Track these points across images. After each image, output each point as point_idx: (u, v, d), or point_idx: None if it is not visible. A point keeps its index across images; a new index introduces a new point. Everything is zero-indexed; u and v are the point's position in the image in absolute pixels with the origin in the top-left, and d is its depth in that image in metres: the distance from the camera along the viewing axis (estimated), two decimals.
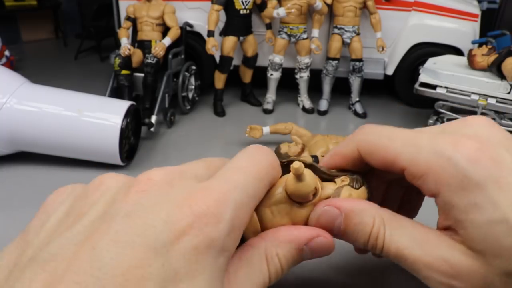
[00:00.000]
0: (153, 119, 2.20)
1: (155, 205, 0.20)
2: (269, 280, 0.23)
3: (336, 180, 0.28)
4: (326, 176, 0.28)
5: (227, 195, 0.21)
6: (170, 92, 2.41)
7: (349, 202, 0.25)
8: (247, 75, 2.72)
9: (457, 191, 0.22)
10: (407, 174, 0.25)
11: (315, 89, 2.74)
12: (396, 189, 0.34)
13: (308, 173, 0.25)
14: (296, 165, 0.24)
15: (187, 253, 0.19)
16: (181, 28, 2.54)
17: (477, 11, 2.69)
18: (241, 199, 0.22)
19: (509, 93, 2.00)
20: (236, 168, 0.24)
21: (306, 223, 0.26)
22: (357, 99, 2.70)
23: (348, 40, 2.57)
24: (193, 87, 2.62)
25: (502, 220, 0.21)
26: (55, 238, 0.20)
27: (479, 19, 2.68)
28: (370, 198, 0.28)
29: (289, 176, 0.25)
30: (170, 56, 2.42)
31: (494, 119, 2.11)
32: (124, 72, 2.34)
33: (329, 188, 0.28)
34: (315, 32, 2.55)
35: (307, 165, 0.27)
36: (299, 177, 0.24)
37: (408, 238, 0.23)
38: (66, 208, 0.22)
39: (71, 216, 0.21)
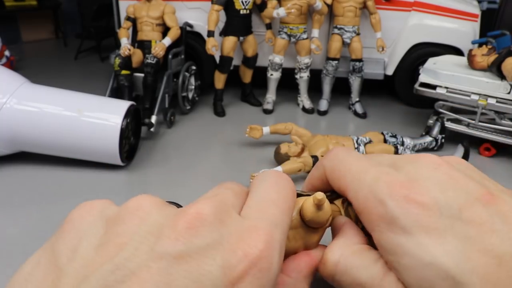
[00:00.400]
0: (153, 119, 2.21)
1: (209, 247, 0.19)
2: None
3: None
4: (328, 199, 0.29)
5: (273, 236, 0.21)
6: (170, 92, 2.41)
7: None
8: (247, 75, 2.72)
9: (386, 233, 0.23)
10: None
11: (315, 89, 2.74)
12: None
13: (326, 201, 0.26)
14: (319, 196, 0.25)
15: None
16: (181, 28, 2.54)
17: (477, 11, 2.69)
18: (281, 237, 0.22)
19: (509, 93, 2.00)
20: (269, 202, 0.24)
21: (316, 246, 0.27)
22: (357, 99, 2.70)
23: (348, 40, 2.57)
24: (193, 87, 2.62)
25: (431, 263, 0.21)
26: (95, 271, 0.19)
27: (479, 19, 2.68)
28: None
29: (307, 204, 0.26)
30: (170, 56, 2.42)
31: (494, 119, 2.11)
32: (124, 72, 2.34)
33: (334, 210, 0.29)
34: (315, 32, 2.56)
35: (303, 194, 0.29)
36: (320, 207, 0.25)
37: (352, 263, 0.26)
38: (100, 232, 0.21)
39: (110, 245, 0.20)
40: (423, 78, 2.21)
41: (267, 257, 0.19)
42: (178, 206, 0.27)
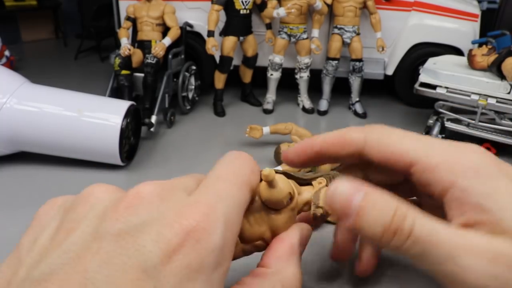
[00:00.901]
0: (153, 119, 2.21)
1: (145, 223, 0.20)
2: None
3: (313, 183, 0.28)
4: (302, 181, 0.27)
5: (215, 207, 0.21)
6: (170, 92, 2.41)
7: (369, 185, 0.24)
8: (247, 75, 2.72)
9: (475, 178, 0.23)
10: (416, 169, 0.25)
11: (315, 89, 2.74)
12: None
13: (280, 179, 0.24)
14: (265, 172, 0.23)
15: (179, 273, 0.19)
16: (181, 28, 2.54)
17: (477, 11, 2.69)
18: (229, 209, 0.21)
19: (509, 93, 2.00)
20: (218, 177, 0.23)
21: (284, 229, 0.26)
22: (357, 99, 2.70)
23: (348, 40, 2.57)
24: (193, 87, 2.62)
25: None
26: (46, 257, 0.19)
27: (479, 19, 2.68)
28: None
29: (262, 184, 0.24)
30: (170, 56, 2.42)
31: (494, 119, 2.11)
32: (124, 72, 2.34)
33: (307, 192, 0.27)
34: (315, 32, 2.56)
35: (279, 172, 0.27)
36: (270, 184, 0.24)
37: (440, 224, 0.22)
38: (57, 222, 0.22)
39: (61, 232, 0.21)
40: (423, 78, 2.21)
41: (206, 228, 0.19)
42: None
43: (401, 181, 0.30)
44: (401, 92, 2.83)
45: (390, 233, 0.22)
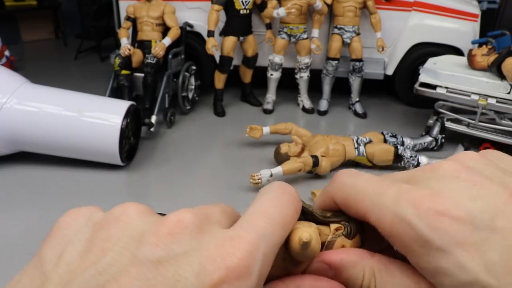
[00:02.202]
0: (153, 119, 2.20)
1: (187, 253, 0.20)
2: None
3: (331, 225, 0.28)
4: (320, 220, 0.27)
5: (257, 246, 0.21)
6: (170, 92, 2.41)
7: (339, 255, 0.25)
8: (247, 75, 2.72)
9: (422, 256, 0.22)
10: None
11: (315, 89, 2.74)
12: None
13: (315, 238, 0.24)
14: (305, 238, 0.23)
15: None
16: (181, 28, 2.53)
17: (477, 11, 2.69)
18: (268, 249, 0.21)
19: (509, 93, 2.00)
20: (261, 214, 0.23)
21: (297, 271, 0.26)
22: (357, 99, 2.70)
23: (348, 40, 2.57)
24: (193, 87, 2.62)
25: (473, 282, 0.21)
26: (77, 276, 0.19)
27: (479, 19, 2.68)
28: (363, 243, 0.28)
29: (294, 238, 0.24)
30: (170, 56, 2.42)
31: (494, 119, 2.11)
32: (124, 72, 2.34)
33: (323, 234, 0.27)
34: (315, 32, 2.55)
35: (305, 211, 0.27)
36: (305, 247, 0.24)
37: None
38: (85, 238, 0.21)
39: (93, 250, 0.20)
40: (423, 78, 2.21)
41: (247, 267, 0.19)
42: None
43: None
44: (401, 92, 2.83)
45: None
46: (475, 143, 2.15)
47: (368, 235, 0.27)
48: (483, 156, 0.24)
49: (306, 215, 0.26)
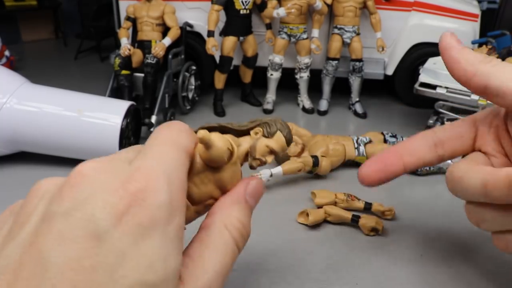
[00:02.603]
0: (153, 119, 2.20)
1: (90, 196, 0.20)
2: (238, 247, 0.23)
3: (251, 132, 0.28)
4: (239, 132, 0.28)
5: (156, 168, 0.22)
6: (170, 92, 2.41)
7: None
8: (247, 75, 2.72)
9: None
10: None
11: (315, 89, 2.73)
12: None
13: (217, 137, 0.25)
14: (199, 134, 0.24)
15: (132, 232, 0.19)
16: (181, 28, 2.54)
17: (477, 11, 2.69)
18: (169, 169, 0.22)
19: None
20: (154, 144, 0.24)
21: (231, 183, 0.26)
22: (357, 99, 2.70)
23: (348, 40, 2.57)
24: (193, 87, 2.62)
25: None
26: (1, 251, 0.20)
27: (479, 19, 2.68)
28: (289, 138, 0.27)
29: (199, 145, 0.25)
30: (170, 56, 2.42)
31: None
32: (124, 72, 2.34)
33: (245, 142, 0.27)
34: (315, 32, 2.55)
35: (215, 128, 0.27)
36: (206, 145, 0.25)
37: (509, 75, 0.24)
38: (9, 224, 0.22)
39: (15, 227, 0.21)
40: (423, 78, 2.21)
41: (149, 187, 0.20)
42: None
43: None
44: (401, 92, 2.84)
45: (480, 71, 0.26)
46: None
47: None
48: None
49: (227, 131, 0.27)
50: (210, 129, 0.25)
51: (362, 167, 0.30)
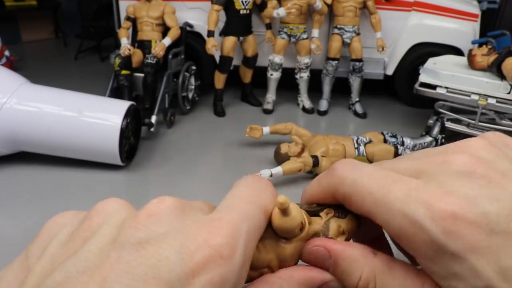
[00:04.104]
0: (153, 119, 2.20)
1: (167, 233, 0.19)
2: None
3: (321, 214, 0.27)
4: (310, 212, 0.27)
5: (239, 225, 0.20)
6: (170, 92, 2.41)
7: (340, 246, 0.24)
8: (247, 75, 2.72)
9: (433, 259, 0.21)
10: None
11: (315, 89, 2.74)
12: None
13: (294, 207, 0.24)
14: (281, 199, 0.23)
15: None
16: (181, 28, 2.54)
17: (477, 11, 2.69)
18: (250, 230, 0.21)
19: (509, 93, 2.00)
20: (240, 197, 0.23)
21: (292, 259, 0.26)
22: (357, 99, 2.70)
23: (348, 40, 2.57)
24: (193, 87, 2.62)
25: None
26: (60, 265, 0.19)
27: (479, 19, 2.68)
28: (361, 223, 0.27)
29: (275, 210, 0.24)
30: (170, 56, 2.42)
31: (493, 119, 2.11)
32: (124, 72, 2.34)
33: (316, 223, 0.27)
34: (315, 32, 2.55)
35: None
36: (284, 212, 0.24)
37: (399, 281, 0.22)
38: (69, 231, 0.21)
39: (75, 240, 0.20)
40: (423, 78, 2.21)
41: (231, 246, 0.19)
42: None
43: None
44: (401, 92, 2.83)
45: None
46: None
47: (363, 221, 0.26)
48: (491, 144, 0.22)
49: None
50: None
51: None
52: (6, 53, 3.34)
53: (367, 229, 0.26)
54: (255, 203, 0.23)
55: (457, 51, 2.62)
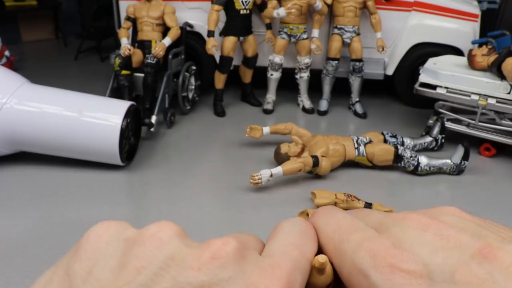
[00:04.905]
0: (153, 119, 2.20)
1: (231, 279, 0.19)
2: None
3: None
4: None
5: (293, 276, 0.21)
6: (170, 92, 2.41)
7: None
8: (247, 76, 2.72)
9: None
10: None
11: (315, 89, 2.74)
12: None
13: (329, 266, 0.24)
14: (322, 259, 0.23)
15: None
16: (181, 28, 2.54)
17: (477, 11, 2.69)
18: (301, 282, 0.22)
19: (509, 93, 2.00)
20: (293, 245, 0.23)
21: None
22: (357, 99, 2.70)
23: (348, 40, 2.57)
24: (193, 87, 2.62)
25: None
26: None
27: (479, 19, 2.68)
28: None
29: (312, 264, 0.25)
30: (170, 56, 2.42)
31: (494, 119, 2.11)
32: (124, 72, 2.34)
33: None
34: (315, 32, 2.56)
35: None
36: (321, 271, 0.24)
37: None
38: (117, 254, 0.20)
39: (128, 268, 0.19)
40: (423, 78, 2.21)
41: None
42: None
43: None
44: (401, 92, 2.84)
45: None
46: (475, 143, 2.15)
47: None
48: (465, 213, 0.23)
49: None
50: None
51: None
52: (6, 53, 3.34)
53: None
54: (304, 252, 0.23)
55: (457, 51, 2.62)
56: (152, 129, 2.16)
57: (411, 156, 1.96)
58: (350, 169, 2.02)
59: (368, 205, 1.51)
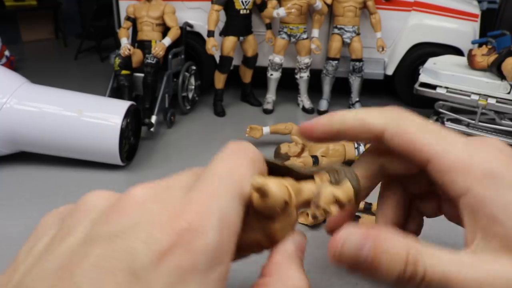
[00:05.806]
0: (153, 119, 2.20)
1: (136, 225, 0.19)
2: None
3: (315, 177, 0.26)
4: (302, 176, 0.26)
5: (209, 205, 0.20)
6: (170, 92, 2.41)
7: (375, 228, 0.24)
8: (247, 75, 2.72)
9: (491, 187, 0.22)
10: (432, 167, 0.24)
11: (315, 89, 2.74)
12: (401, 201, 0.34)
13: (275, 185, 0.23)
14: (255, 183, 0.22)
15: (170, 274, 0.18)
16: (181, 28, 2.54)
17: (477, 11, 2.69)
18: (224, 208, 0.21)
19: (509, 93, 2.00)
20: (215, 174, 0.22)
21: (282, 234, 0.25)
22: (357, 99, 2.70)
23: (348, 40, 2.57)
24: (193, 87, 2.62)
25: None
26: (39, 264, 0.19)
27: (479, 19, 2.68)
28: (358, 189, 0.26)
29: (253, 192, 0.23)
30: (170, 56, 2.42)
31: (493, 119, 2.11)
32: (124, 72, 2.34)
33: (308, 189, 0.25)
34: (315, 32, 2.56)
35: (278, 167, 0.25)
36: (262, 194, 0.23)
37: (449, 261, 0.22)
38: (54, 231, 0.22)
39: (55, 240, 0.20)
40: (423, 78, 2.21)
41: (197, 229, 0.19)
42: None
43: (419, 171, 0.29)
44: (401, 92, 2.84)
45: (405, 280, 0.22)
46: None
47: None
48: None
49: (288, 173, 0.25)
50: (272, 167, 0.24)
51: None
52: (6, 53, 3.34)
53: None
54: (232, 177, 0.22)
55: (457, 51, 2.62)
56: (152, 129, 2.16)
57: None
58: None
59: (369, 205, 1.51)
